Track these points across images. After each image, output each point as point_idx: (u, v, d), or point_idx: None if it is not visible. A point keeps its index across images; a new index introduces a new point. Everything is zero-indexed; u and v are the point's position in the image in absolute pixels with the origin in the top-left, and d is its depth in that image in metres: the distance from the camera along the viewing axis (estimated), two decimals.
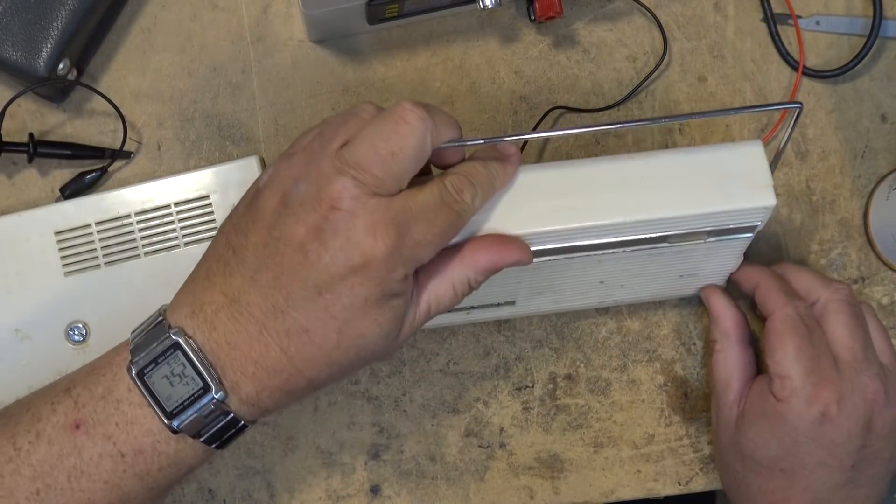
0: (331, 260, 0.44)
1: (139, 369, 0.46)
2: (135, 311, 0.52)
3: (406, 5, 0.59)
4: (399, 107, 0.45)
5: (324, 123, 0.47)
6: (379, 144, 0.44)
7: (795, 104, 0.50)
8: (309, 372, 0.47)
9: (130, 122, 0.61)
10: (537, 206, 0.50)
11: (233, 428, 0.47)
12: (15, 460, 0.46)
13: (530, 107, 0.63)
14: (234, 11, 0.62)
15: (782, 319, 0.55)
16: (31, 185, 0.61)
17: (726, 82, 0.63)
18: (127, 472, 0.47)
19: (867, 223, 0.63)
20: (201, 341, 0.46)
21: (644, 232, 0.52)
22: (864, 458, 0.55)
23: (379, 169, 0.44)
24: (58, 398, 0.47)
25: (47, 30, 0.57)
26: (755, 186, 0.51)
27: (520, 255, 0.50)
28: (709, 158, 0.51)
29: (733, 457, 0.58)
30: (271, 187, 0.46)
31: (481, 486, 0.62)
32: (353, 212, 0.44)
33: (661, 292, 0.61)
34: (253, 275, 0.46)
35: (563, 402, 0.62)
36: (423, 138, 0.45)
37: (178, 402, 0.46)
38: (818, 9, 0.64)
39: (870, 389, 0.54)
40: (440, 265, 0.49)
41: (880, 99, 0.64)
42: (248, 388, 0.46)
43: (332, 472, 0.61)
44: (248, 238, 0.46)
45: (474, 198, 0.48)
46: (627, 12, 0.63)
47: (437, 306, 0.49)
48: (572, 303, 0.60)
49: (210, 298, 0.46)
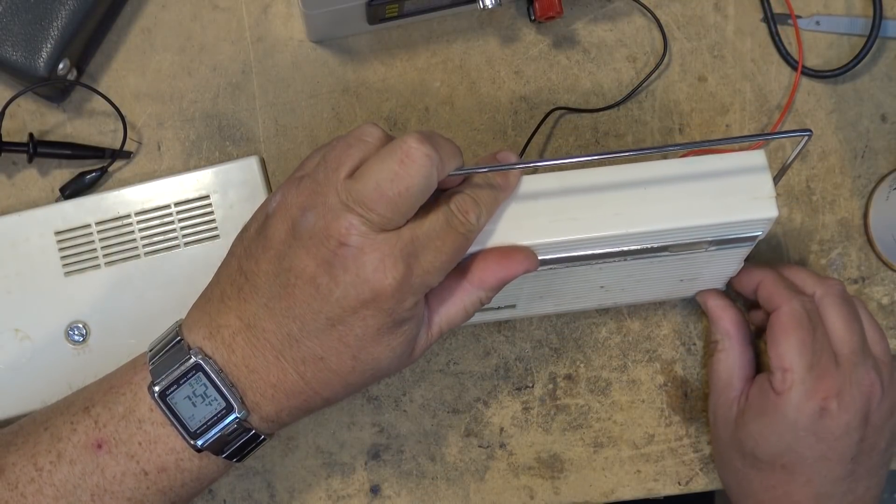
0: (342, 295, 0.45)
1: (161, 390, 0.47)
2: (135, 311, 0.52)
3: (406, 5, 0.59)
4: (405, 143, 0.45)
5: (329, 146, 0.47)
6: (385, 185, 0.44)
7: (805, 132, 0.49)
8: (326, 393, 0.48)
9: (130, 122, 0.61)
10: (539, 218, 0.50)
11: (254, 443, 0.48)
12: (37, 480, 0.47)
13: (530, 107, 0.63)
14: (234, 11, 0.62)
15: (789, 313, 0.55)
16: (31, 185, 0.61)
17: (726, 82, 0.63)
18: (150, 489, 0.48)
19: (867, 223, 0.63)
20: (221, 363, 0.47)
21: (646, 242, 0.52)
22: (862, 451, 0.55)
23: (385, 208, 0.44)
24: (77, 417, 0.48)
25: (47, 30, 0.57)
26: (757, 197, 0.51)
27: (526, 264, 0.50)
28: (711, 169, 0.51)
29: (734, 454, 0.58)
30: (280, 215, 0.46)
31: (481, 486, 0.62)
32: (362, 248, 0.44)
33: (662, 295, 0.61)
34: (266, 302, 0.46)
35: (563, 402, 0.62)
36: (430, 176, 0.45)
37: (202, 422, 0.47)
38: (818, 9, 0.64)
39: (866, 382, 0.55)
40: (449, 287, 0.50)
41: (880, 99, 0.64)
42: (268, 408, 0.47)
43: (332, 472, 0.61)
44: (260, 265, 0.47)
45: (479, 217, 0.48)
46: (627, 12, 0.63)
47: (449, 326, 0.50)
48: (573, 305, 0.60)
49: (226, 322, 0.47)
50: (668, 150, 0.48)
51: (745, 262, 0.58)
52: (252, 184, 0.59)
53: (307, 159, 0.48)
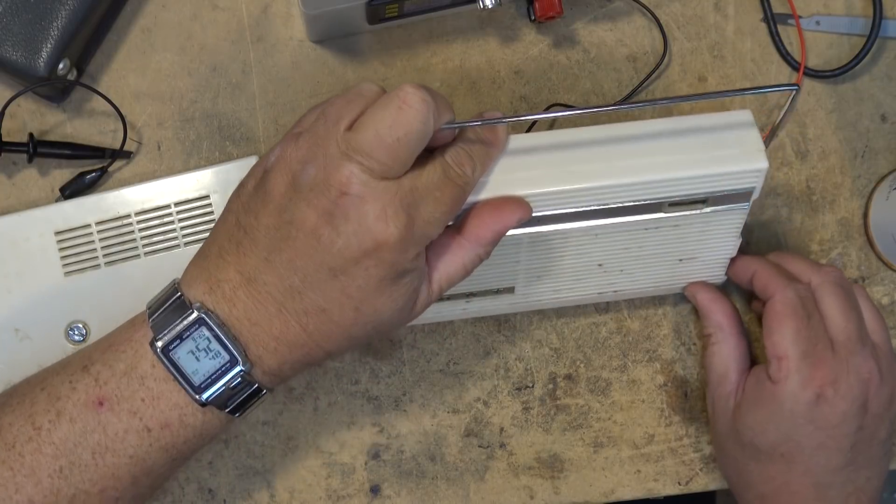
0: (344, 245, 0.45)
1: (164, 346, 0.47)
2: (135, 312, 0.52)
3: (406, 5, 0.59)
4: (402, 90, 0.45)
5: (327, 103, 0.47)
6: (383, 131, 0.45)
7: (793, 86, 0.51)
8: (328, 346, 0.48)
9: (130, 122, 0.61)
10: (533, 171, 0.51)
11: (256, 396, 0.49)
12: (35, 439, 0.47)
13: (530, 107, 0.63)
14: (234, 11, 0.62)
15: (783, 301, 0.55)
16: (31, 185, 0.61)
17: (726, 82, 0.63)
18: (153, 446, 0.47)
19: (867, 223, 0.64)
20: (223, 317, 0.47)
21: (639, 196, 0.53)
22: (861, 440, 0.55)
23: (385, 155, 0.45)
24: (76, 376, 0.48)
25: (47, 30, 0.57)
26: (747, 151, 0.52)
27: (519, 213, 0.50)
28: (701, 125, 0.53)
29: (732, 445, 0.58)
30: (279, 169, 0.46)
31: (481, 486, 0.62)
32: (363, 197, 0.45)
33: (662, 282, 0.61)
34: (267, 256, 0.46)
35: (563, 402, 0.62)
36: (427, 121, 0.45)
37: (206, 376, 0.47)
38: (818, 9, 0.64)
39: (864, 369, 0.55)
40: (448, 245, 0.50)
41: (880, 99, 0.64)
42: (270, 361, 0.47)
43: (332, 472, 0.61)
44: (259, 220, 0.46)
45: (474, 170, 0.49)
46: (627, 12, 0.63)
47: (449, 283, 0.50)
48: (572, 291, 0.60)
49: (226, 276, 0.47)
50: (646, 105, 0.50)
51: (742, 253, 0.58)
52: None
53: (304, 117, 0.48)
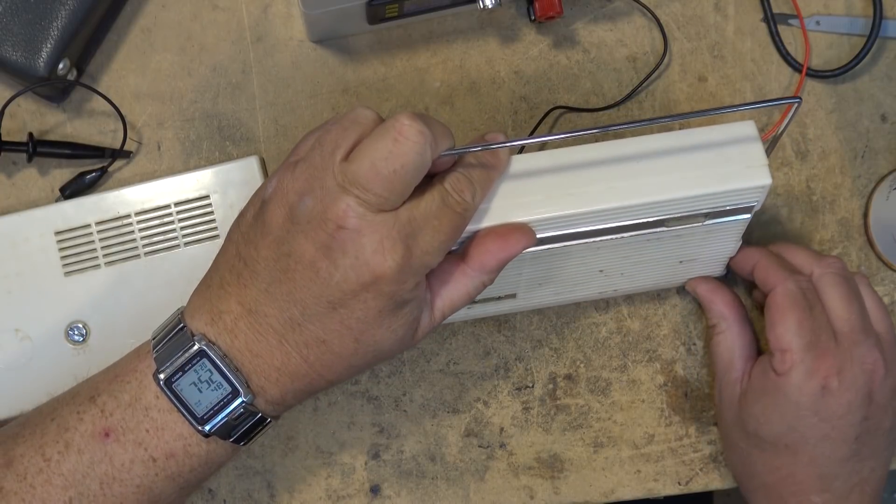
0: (342, 278, 0.45)
1: (167, 377, 0.47)
2: (135, 311, 0.52)
3: (406, 5, 0.59)
4: (397, 121, 0.45)
5: (323, 130, 0.47)
6: (380, 164, 0.44)
7: (795, 99, 0.50)
8: (329, 376, 0.48)
9: (130, 122, 0.61)
10: (534, 195, 0.51)
11: (261, 425, 0.49)
12: (45, 471, 0.47)
13: (530, 107, 0.63)
14: (234, 11, 0.62)
15: (784, 293, 0.55)
16: (31, 185, 0.61)
17: (726, 82, 0.63)
18: (159, 476, 0.48)
19: (867, 223, 0.64)
20: (225, 348, 0.47)
21: (642, 216, 0.52)
22: (866, 430, 0.55)
23: (381, 187, 0.44)
24: (83, 407, 0.48)
25: (47, 30, 0.57)
26: (750, 166, 0.51)
27: (524, 241, 0.50)
28: (702, 141, 0.52)
29: (738, 435, 0.58)
30: (277, 201, 0.46)
31: (481, 486, 0.62)
32: (360, 230, 0.44)
33: (662, 280, 0.61)
34: (267, 287, 0.46)
35: (563, 402, 0.62)
36: (423, 153, 0.45)
37: (208, 407, 0.47)
38: (818, 9, 0.64)
39: (868, 360, 0.55)
40: (451, 271, 0.50)
41: (880, 99, 0.64)
42: (273, 391, 0.48)
43: (332, 472, 0.61)
44: (259, 251, 0.47)
45: (474, 195, 0.48)
46: (627, 12, 0.63)
47: (452, 310, 0.50)
48: (573, 293, 0.60)
49: (227, 308, 0.47)
50: (651, 123, 0.49)
51: (744, 244, 0.58)
52: (252, 184, 0.59)
53: (300, 143, 0.48)
